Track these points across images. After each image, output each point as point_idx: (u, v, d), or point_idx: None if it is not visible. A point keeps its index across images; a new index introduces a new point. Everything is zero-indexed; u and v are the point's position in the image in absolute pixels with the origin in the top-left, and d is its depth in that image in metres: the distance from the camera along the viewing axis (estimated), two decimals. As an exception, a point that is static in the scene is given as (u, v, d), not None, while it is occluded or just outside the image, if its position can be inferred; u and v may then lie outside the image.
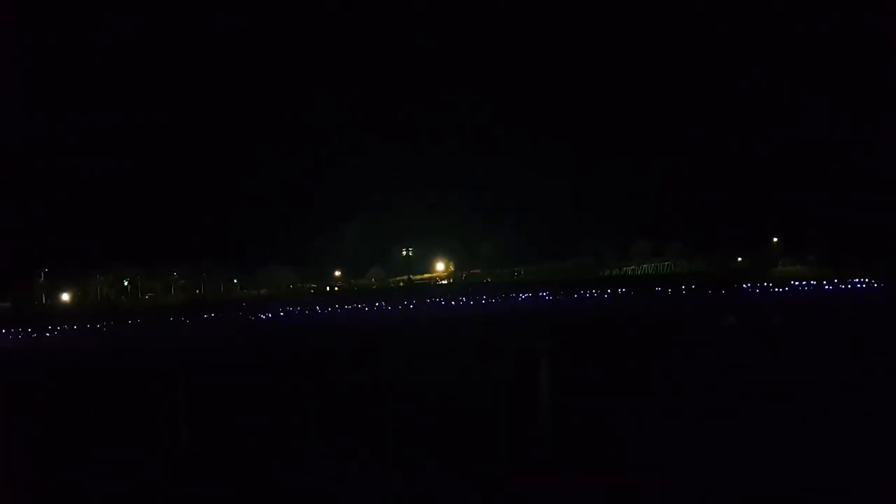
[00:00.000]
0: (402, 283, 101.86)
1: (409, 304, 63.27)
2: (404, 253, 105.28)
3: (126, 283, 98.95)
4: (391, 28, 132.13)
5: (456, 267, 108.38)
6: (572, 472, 10.88)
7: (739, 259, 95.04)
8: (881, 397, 14.17)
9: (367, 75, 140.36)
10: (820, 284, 53.48)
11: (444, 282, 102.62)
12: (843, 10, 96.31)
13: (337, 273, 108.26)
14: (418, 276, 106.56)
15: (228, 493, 11.14)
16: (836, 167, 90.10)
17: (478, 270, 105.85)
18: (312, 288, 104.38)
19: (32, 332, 49.21)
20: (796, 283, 56.19)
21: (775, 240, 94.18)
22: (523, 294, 65.86)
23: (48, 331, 51.52)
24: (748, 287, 58.16)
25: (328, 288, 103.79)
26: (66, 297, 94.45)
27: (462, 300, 64.19)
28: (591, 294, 62.63)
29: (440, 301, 64.65)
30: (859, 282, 51.50)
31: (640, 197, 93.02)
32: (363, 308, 61.40)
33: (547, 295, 63.76)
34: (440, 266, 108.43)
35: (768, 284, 58.78)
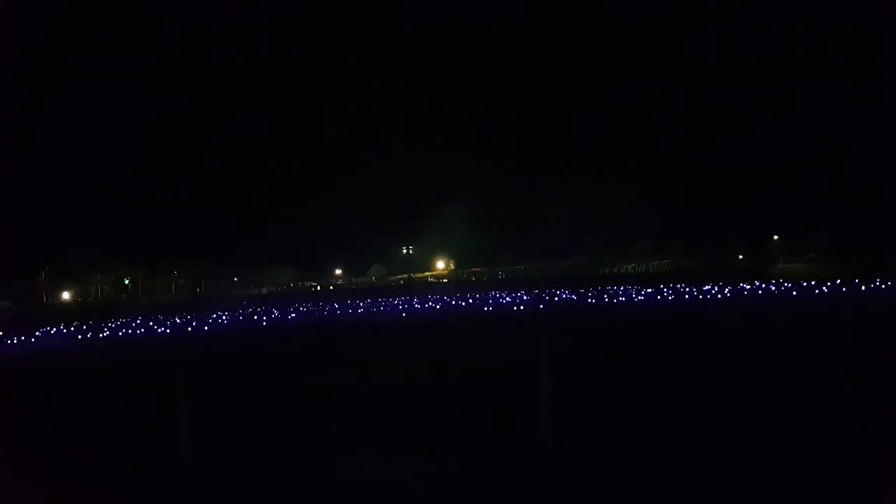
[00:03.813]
0: (402, 282, 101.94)
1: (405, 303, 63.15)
2: (405, 251, 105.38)
3: (127, 282, 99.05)
4: (393, 29, 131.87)
5: (456, 265, 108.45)
6: (571, 470, 10.87)
7: (741, 257, 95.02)
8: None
9: (368, 74, 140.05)
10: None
11: (444, 280, 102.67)
12: (843, 9, 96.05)
13: (338, 271, 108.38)
14: (418, 275, 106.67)
15: (228, 489, 11.14)
16: (836, 164, 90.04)
17: (478, 269, 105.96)
18: (313, 286, 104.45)
19: (34, 331, 49.18)
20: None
21: (776, 237, 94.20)
22: (522, 293, 65.74)
23: (49, 329, 51.49)
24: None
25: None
26: (66, 295, 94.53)
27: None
28: (591, 292, 62.56)
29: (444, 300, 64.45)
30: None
31: (640, 195, 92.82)
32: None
33: (546, 293, 63.71)
34: (440, 264, 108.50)
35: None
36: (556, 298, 59.03)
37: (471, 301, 59.55)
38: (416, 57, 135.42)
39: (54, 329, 51.63)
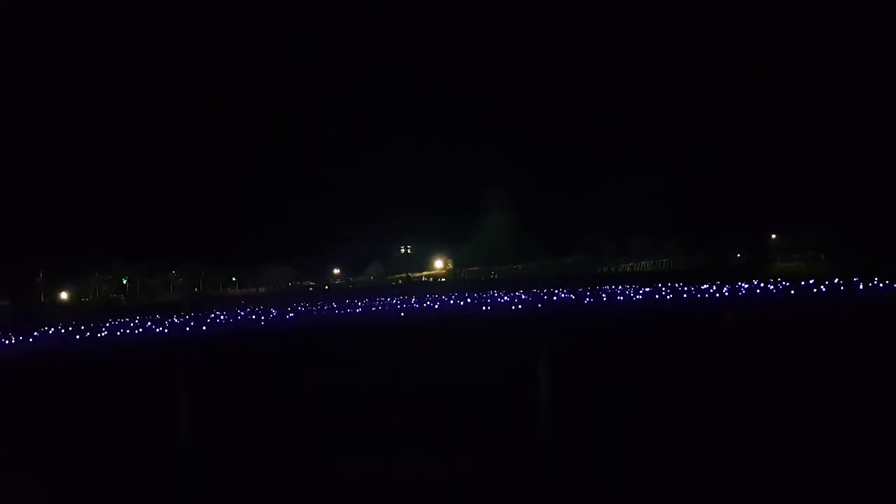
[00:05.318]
0: (400, 281, 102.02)
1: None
2: (403, 250, 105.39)
3: (125, 281, 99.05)
4: (393, 29, 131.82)
5: (455, 264, 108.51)
6: (571, 471, 10.88)
7: (739, 255, 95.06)
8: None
9: (368, 74, 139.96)
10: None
11: (442, 279, 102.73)
12: (843, 9, 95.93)
13: (336, 270, 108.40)
14: (416, 274, 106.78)
15: (227, 487, 11.14)
16: (836, 164, 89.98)
17: (476, 267, 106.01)
18: (310, 286, 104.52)
19: (32, 330, 49.15)
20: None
21: (774, 235, 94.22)
22: (519, 292, 65.61)
23: (48, 328, 51.47)
24: None
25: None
26: (64, 295, 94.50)
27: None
28: (590, 291, 62.46)
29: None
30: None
31: (639, 194, 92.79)
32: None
33: (546, 292, 63.65)
34: (439, 263, 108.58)
35: None
36: (555, 297, 58.98)
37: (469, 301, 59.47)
38: (416, 57, 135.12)
39: (53, 328, 51.59)
